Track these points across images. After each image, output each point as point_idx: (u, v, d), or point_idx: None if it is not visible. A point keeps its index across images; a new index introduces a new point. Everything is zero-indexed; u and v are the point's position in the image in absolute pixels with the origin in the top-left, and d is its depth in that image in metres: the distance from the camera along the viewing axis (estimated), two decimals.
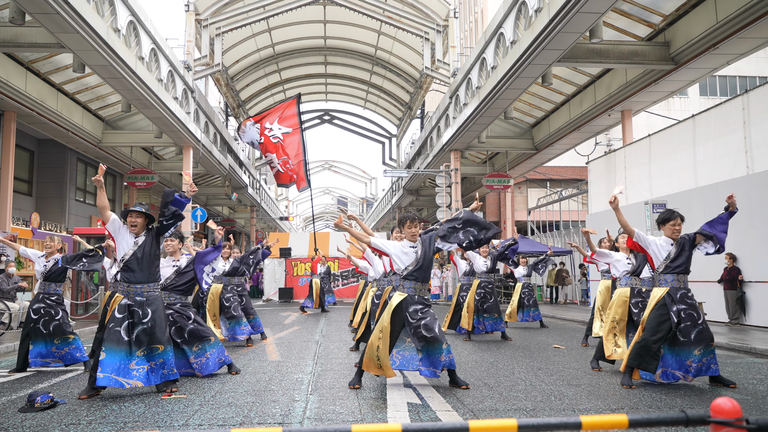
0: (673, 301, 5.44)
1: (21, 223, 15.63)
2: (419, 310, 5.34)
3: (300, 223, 70.54)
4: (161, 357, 5.26)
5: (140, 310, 5.26)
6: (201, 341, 6.11)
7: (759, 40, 12.85)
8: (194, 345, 6.09)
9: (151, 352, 5.24)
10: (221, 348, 6.26)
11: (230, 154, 27.50)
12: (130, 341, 5.17)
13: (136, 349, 5.17)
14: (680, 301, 5.44)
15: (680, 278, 5.52)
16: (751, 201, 10.97)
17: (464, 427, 1.72)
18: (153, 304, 5.34)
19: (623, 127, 17.85)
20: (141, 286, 5.31)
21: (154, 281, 5.44)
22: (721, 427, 1.67)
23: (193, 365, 6.03)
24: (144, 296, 5.31)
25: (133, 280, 5.29)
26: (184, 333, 6.13)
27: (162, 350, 5.28)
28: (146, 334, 5.23)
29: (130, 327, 5.19)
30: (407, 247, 5.49)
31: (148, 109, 16.63)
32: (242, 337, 8.86)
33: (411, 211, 5.58)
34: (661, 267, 5.58)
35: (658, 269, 5.61)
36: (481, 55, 17.80)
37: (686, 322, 5.36)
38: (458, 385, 5.37)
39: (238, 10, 22.08)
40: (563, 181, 30.61)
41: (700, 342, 5.31)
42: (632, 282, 6.77)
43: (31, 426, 4.14)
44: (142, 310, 5.26)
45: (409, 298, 5.37)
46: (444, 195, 22.57)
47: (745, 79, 30.36)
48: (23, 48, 13.11)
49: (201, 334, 6.14)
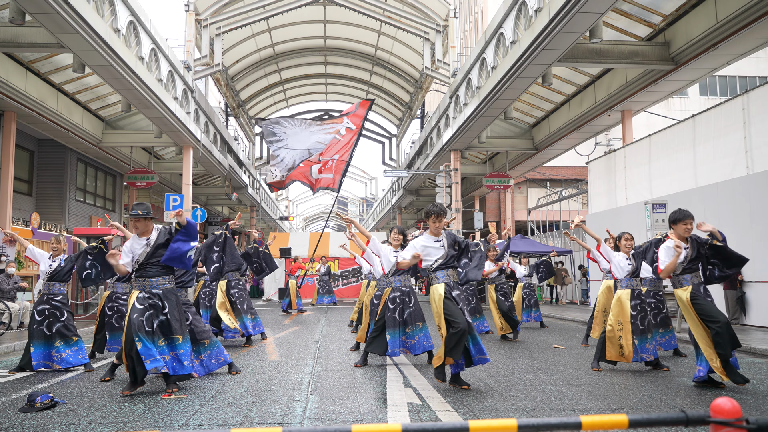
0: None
1: (21, 223, 15.62)
2: (461, 294, 5.46)
3: (300, 223, 70.55)
4: (181, 347, 5.41)
5: (160, 302, 5.45)
6: (196, 343, 6.09)
7: (759, 40, 12.84)
8: (191, 346, 6.09)
9: (171, 342, 5.40)
10: (219, 348, 6.22)
11: (230, 154, 27.50)
12: (153, 331, 5.34)
13: (157, 339, 5.34)
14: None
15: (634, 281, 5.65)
16: (751, 201, 10.97)
17: (464, 427, 1.72)
18: (168, 297, 5.49)
19: (623, 127, 17.84)
20: (156, 279, 5.47)
21: (169, 274, 5.60)
22: (721, 427, 1.67)
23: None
24: (160, 289, 5.46)
25: (148, 275, 5.47)
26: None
27: (181, 341, 5.42)
28: (165, 324, 5.41)
29: (150, 318, 5.35)
30: (432, 241, 5.54)
31: (148, 109, 16.62)
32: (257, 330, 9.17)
33: (438, 205, 5.62)
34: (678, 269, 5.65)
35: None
36: (481, 55, 17.80)
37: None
38: (459, 385, 5.37)
39: (238, 10, 22.07)
40: (563, 181, 30.61)
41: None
42: (632, 284, 6.77)
43: (31, 426, 4.15)
44: (161, 302, 5.45)
45: (447, 287, 5.40)
46: (444, 195, 22.56)
47: (745, 79, 30.35)
48: (23, 48, 13.11)
49: (197, 336, 6.11)
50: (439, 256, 5.48)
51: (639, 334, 6.50)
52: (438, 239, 5.54)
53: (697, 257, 5.60)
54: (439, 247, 5.51)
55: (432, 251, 5.50)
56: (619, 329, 6.54)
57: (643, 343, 6.49)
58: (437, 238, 5.55)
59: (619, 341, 6.50)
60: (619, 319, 6.58)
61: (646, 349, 6.46)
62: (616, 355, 6.50)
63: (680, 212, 5.69)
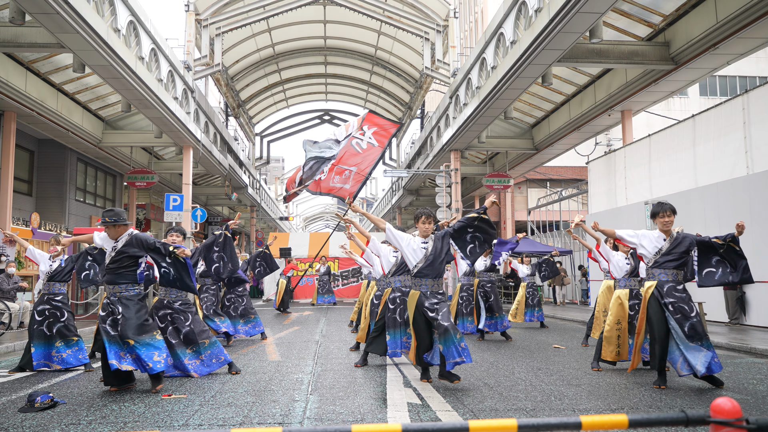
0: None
1: (21, 223, 15.62)
2: (435, 303, 5.43)
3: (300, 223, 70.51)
4: (138, 350, 5.39)
5: (116, 308, 5.44)
6: (196, 344, 6.08)
7: (759, 40, 12.84)
8: (189, 347, 6.07)
9: (130, 345, 5.37)
10: (219, 348, 6.22)
11: (230, 154, 27.50)
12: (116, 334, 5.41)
13: (119, 341, 5.36)
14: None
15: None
16: (751, 201, 10.97)
17: (464, 427, 1.72)
18: (124, 303, 5.45)
19: (623, 127, 17.84)
20: (112, 287, 5.48)
21: (126, 282, 5.51)
22: (721, 427, 1.67)
23: (188, 366, 5.99)
24: (116, 296, 5.44)
25: (107, 280, 5.53)
26: (180, 334, 6.09)
27: (136, 344, 5.37)
28: (123, 328, 5.42)
29: (113, 322, 5.40)
30: (418, 243, 5.53)
31: (148, 109, 16.62)
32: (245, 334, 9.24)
33: (428, 208, 5.62)
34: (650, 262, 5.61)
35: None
36: (481, 55, 17.80)
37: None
38: (450, 380, 5.38)
39: (238, 10, 22.07)
40: (563, 181, 30.61)
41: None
42: (631, 283, 6.76)
43: (31, 426, 4.15)
44: (116, 307, 5.44)
45: (422, 295, 5.44)
46: (444, 195, 22.57)
47: (745, 79, 30.35)
48: (23, 48, 13.11)
49: (197, 337, 6.10)
50: (419, 260, 5.47)
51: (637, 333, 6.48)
52: (424, 242, 5.55)
53: (673, 254, 5.48)
54: (420, 250, 5.50)
55: (413, 253, 5.50)
56: (617, 329, 6.54)
57: (643, 342, 6.48)
58: (424, 240, 5.56)
59: (617, 341, 6.50)
60: (618, 319, 6.59)
61: (645, 349, 6.46)
62: (613, 356, 6.50)
63: (659, 205, 5.65)
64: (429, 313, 5.42)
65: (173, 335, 6.04)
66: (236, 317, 9.44)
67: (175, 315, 6.10)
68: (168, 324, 6.04)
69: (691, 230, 5.78)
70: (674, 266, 5.48)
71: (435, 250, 5.50)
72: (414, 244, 5.58)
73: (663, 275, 5.48)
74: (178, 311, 6.16)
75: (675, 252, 5.48)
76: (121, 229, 5.56)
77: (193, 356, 6.04)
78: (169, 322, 6.04)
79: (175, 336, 6.04)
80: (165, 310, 6.10)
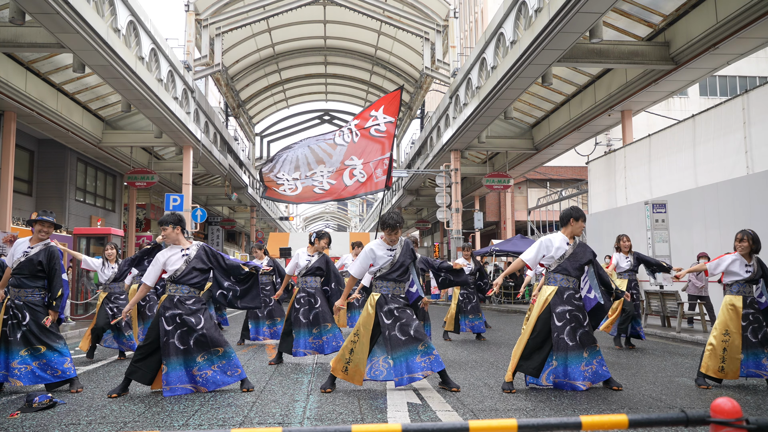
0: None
1: (21, 223, 15.62)
2: (395, 309, 5.23)
3: (300, 223, 70.53)
4: (45, 357, 5.39)
5: (20, 313, 5.44)
6: (208, 352, 5.26)
7: (759, 40, 12.84)
8: (199, 355, 5.23)
9: (34, 352, 5.37)
10: (235, 361, 5.34)
11: (230, 154, 27.51)
12: (15, 341, 5.39)
13: (19, 348, 5.35)
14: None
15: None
16: (751, 201, 10.97)
17: (464, 427, 1.72)
18: (30, 308, 5.43)
19: (623, 127, 17.84)
20: (18, 290, 5.42)
21: (33, 288, 5.48)
22: (721, 427, 1.67)
23: (196, 378, 5.19)
24: (21, 301, 5.41)
25: (12, 283, 5.51)
26: (190, 339, 5.23)
27: (44, 350, 5.38)
28: (25, 335, 5.40)
29: (12, 328, 5.40)
30: (383, 249, 5.40)
31: (148, 109, 16.62)
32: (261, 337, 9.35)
33: (395, 216, 5.46)
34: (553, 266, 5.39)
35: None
36: (481, 55, 17.80)
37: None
38: (449, 387, 5.27)
39: (238, 10, 22.08)
40: (563, 181, 30.61)
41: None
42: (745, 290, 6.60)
43: (31, 426, 4.15)
44: (21, 312, 5.44)
45: (382, 298, 5.30)
46: (444, 195, 22.58)
47: (745, 79, 30.34)
48: (23, 48, 13.11)
49: (209, 343, 5.25)
50: (384, 265, 5.35)
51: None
52: (391, 249, 5.40)
53: (575, 261, 5.29)
54: (387, 256, 5.37)
55: (379, 260, 5.38)
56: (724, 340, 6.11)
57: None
58: (390, 248, 5.41)
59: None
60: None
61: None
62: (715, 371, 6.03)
63: (573, 210, 5.50)
64: (384, 320, 5.19)
65: (181, 340, 5.20)
66: (262, 318, 9.43)
67: (186, 316, 5.23)
68: (176, 327, 5.21)
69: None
70: (569, 274, 5.31)
71: (401, 256, 5.38)
72: (380, 250, 5.41)
73: (567, 283, 5.32)
74: (190, 312, 5.27)
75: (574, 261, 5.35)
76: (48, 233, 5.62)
77: (204, 366, 5.22)
78: (178, 324, 5.22)
79: (183, 342, 5.21)
80: (174, 310, 5.23)
